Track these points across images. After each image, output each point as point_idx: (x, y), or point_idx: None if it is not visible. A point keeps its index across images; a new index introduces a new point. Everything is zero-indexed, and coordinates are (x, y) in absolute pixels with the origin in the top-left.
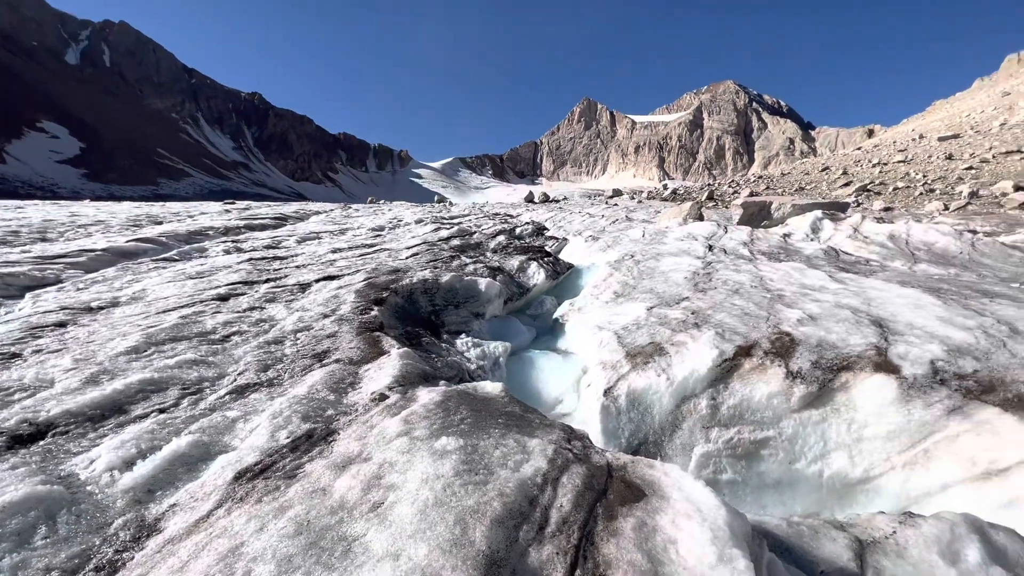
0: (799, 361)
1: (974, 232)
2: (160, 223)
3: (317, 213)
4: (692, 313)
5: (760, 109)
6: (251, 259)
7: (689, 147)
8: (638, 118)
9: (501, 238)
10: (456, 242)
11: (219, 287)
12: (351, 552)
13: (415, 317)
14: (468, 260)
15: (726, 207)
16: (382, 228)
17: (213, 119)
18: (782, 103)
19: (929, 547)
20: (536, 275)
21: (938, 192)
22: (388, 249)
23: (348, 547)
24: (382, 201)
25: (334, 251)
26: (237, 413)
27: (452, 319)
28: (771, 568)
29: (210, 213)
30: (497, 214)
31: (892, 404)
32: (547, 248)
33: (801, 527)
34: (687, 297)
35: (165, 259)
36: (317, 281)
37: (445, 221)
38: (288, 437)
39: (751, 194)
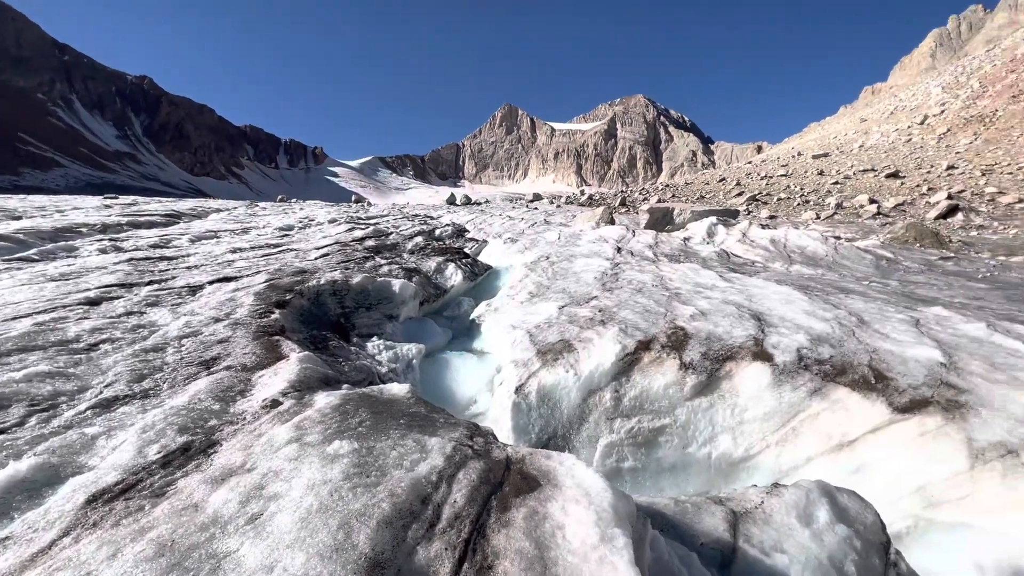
0: (691, 353)
1: (838, 238)
2: (18, 218)
3: (218, 211)
4: (600, 311)
5: (667, 123)
6: (132, 259)
7: (604, 155)
8: (557, 125)
9: (419, 239)
10: (371, 243)
11: (88, 290)
12: (220, 569)
13: (322, 320)
14: (383, 261)
15: (636, 212)
16: (291, 228)
17: (91, 103)
18: (686, 118)
19: (789, 512)
20: (454, 276)
21: (812, 203)
22: (296, 249)
23: (217, 564)
24: (294, 200)
25: (233, 251)
26: (99, 429)
27: (363, 322)
28: (654, 544)
29: (85, 208)
30: (417, 215)
31: (767, 389)
32: (466, 250)
33: (686, 505)
34: (596, 296)
35: (21, 259)
36: (211, 283)
37: (361, 221)
38: (159, 452)
39: (659, 201)
